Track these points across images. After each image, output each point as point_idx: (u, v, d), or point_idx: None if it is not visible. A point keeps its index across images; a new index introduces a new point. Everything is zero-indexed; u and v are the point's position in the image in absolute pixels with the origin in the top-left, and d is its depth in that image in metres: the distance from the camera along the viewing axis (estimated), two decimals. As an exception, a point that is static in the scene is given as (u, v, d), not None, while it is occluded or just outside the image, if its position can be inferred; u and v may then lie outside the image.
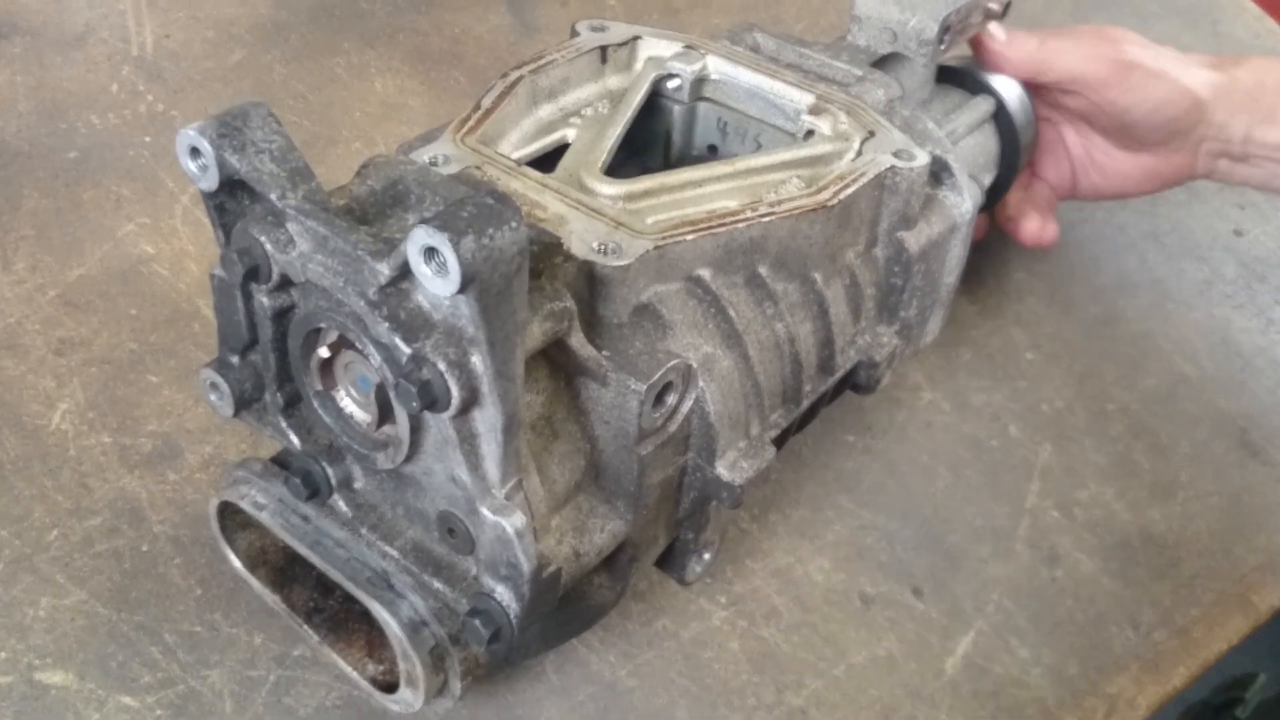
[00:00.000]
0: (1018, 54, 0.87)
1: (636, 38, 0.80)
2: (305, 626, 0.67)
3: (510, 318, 0.48)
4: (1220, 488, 0.90)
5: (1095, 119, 0.90)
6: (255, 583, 0.68)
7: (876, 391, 0.78)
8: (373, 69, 1.07)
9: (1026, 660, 0.79)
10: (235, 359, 0.59)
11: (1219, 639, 0.83)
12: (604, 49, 0.78)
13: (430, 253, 0.45)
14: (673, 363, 0.57)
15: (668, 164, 0.82)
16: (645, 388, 0.56)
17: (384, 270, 0.49)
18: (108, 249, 0.90)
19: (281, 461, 0.64)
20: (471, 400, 0.49)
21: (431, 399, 0.48)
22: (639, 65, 0.80)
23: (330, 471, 0.59)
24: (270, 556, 0.69)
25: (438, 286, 0.45)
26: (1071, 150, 0.95)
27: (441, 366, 0.48)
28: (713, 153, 0.83)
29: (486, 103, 0.71)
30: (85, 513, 0.76)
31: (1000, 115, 0.89)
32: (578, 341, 0.55)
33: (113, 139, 0.97)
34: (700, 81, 0.80)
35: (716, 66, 0.80)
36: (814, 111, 0.76)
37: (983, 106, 0.88)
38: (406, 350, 0.49)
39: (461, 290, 0.45)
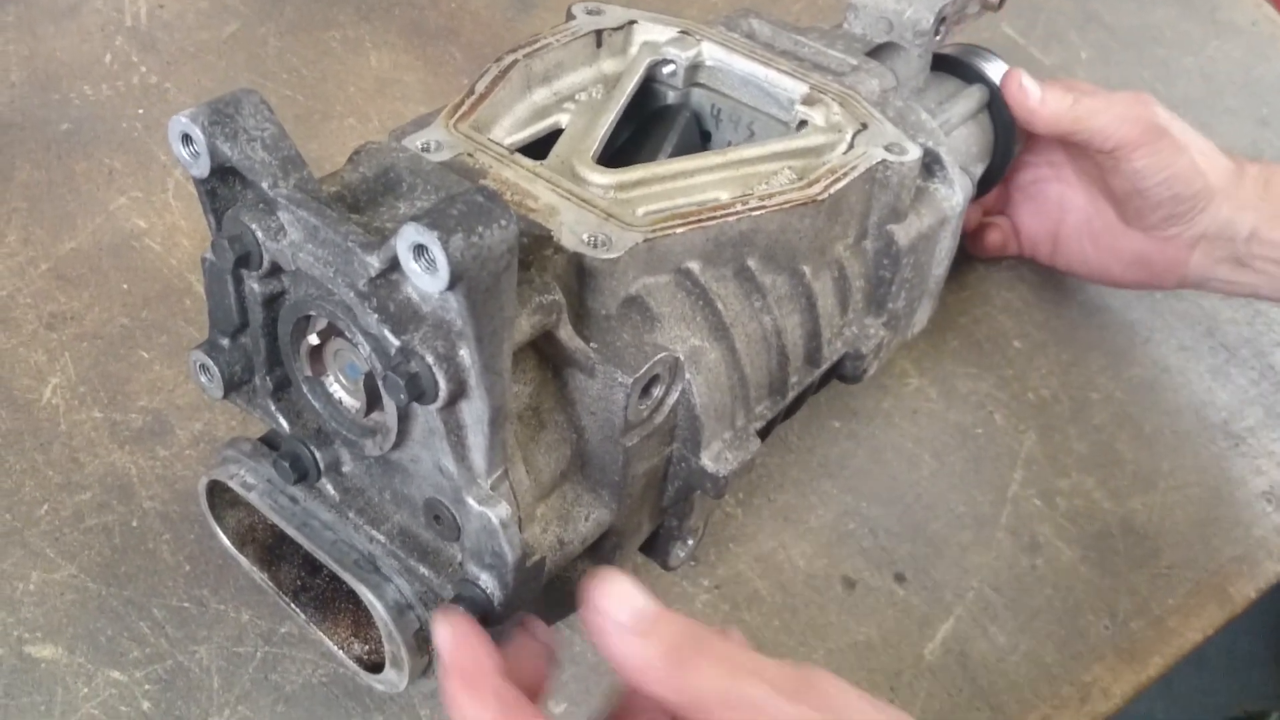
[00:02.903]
0: (1050, 112, 0.85)
1: (632, 22, 0.80)
2: (292, 605, 0.68)
3: (498, 313, 0.48)
4: (1201, 478, 0.91)
5: (1112, 178, 0.89)
6: (243, 560, 0.69)
7: (863, 381, 0.79)
8: (368, 43, 1.07)
9: (1004, 648, 0.80)
10: (225, 341, 0.60)
11: (1194, 629, 0.84)
12: (599, 33, 0.78)
13: (419, 250, 0.45)
14: (660, 356, 0.58)
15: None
16: (632, 381, 0.56)
17: (374, 263, 0.49)
18: (100, 222, 0.90)
19: (270, 441, 0.64)
20: (459, 393, 0.50)
21: (419, 391, 0.49)
22: (634, 50, 0.80)
23: (318, 455, 0.59)
24: (258, 534, 0.69)
25: (426, 283, 0.46)
26: (1069, 213, 0.94)
27: (429, 360, 0.48)
28: (706, 139, 0.83)
29: (480, 87, 0.71)
30: (75, 488, 0.76)
31: (994, 104, 0.89)
32: (566, 334, 0.55)
33: (105, 111, 0.96)
34: (695, 68, 0.80)
35: (711, 53, 0.80)
36: (807, 102, 0.76)
37: (977, 96, 0.88)
38: (395, 342, 0.49)
39: (450, 288, 0.45)
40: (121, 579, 0.73)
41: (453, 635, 0.51)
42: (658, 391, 0.59)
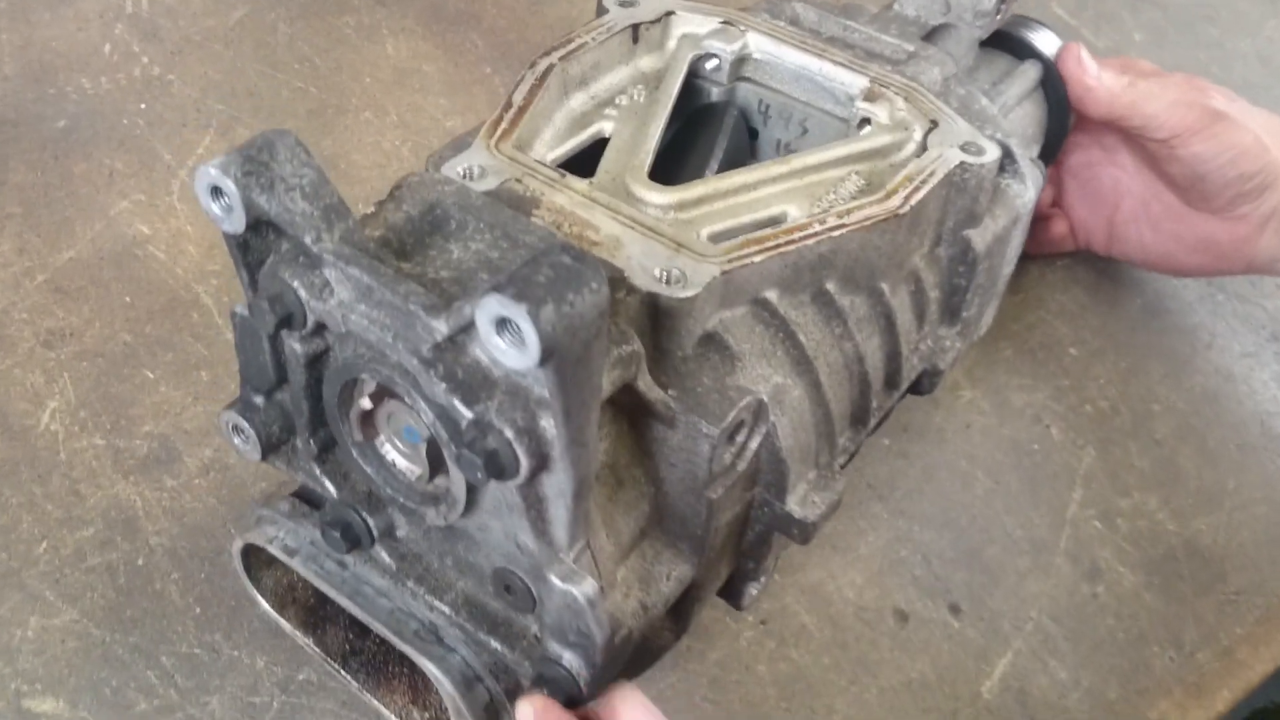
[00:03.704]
0: (1105, 94, 0.81)
1: (669, 13, 0.74)
2: (342, 671, 0.63)
3: (587, 382, 0.43)
4: (1268, 495, 0.87)
5: (1169, 165, 0.84)
6: (286, 625, 0.63)
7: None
8: (384, 29, 1.01)
9: (1065, 683, 0.76)
10: (260, 399, 0.54)
11: (1264, 660, 0.80)
12: (635, 28, 0.73)
13: (504, 323, 0.40)
14: (744, 401, 0.53)
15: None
16: (718, 431, 0.51)
17: (441, 328, 0.43)
18: (100, 229, 0.84)
19: (309, 498, 0.59)
20: (541, 467, 0.44)
21: (499, 469, 0.43)
22: (672, 44, 0.75)
23: (370, 521, 0.54)
24: (299, 594, 0.64)
25: (513, 360, 0.40)
26: (1125, 198, 0.90)
27: (509, 434, 0.43)
28: (753, 137, 0.77)
29: (518, 99, 0.65)
30: (76, 523, 0.72)
31: (1048, 80, 0.84)
32: (645, 384, 0.50)
33: (105, 106, 0.91)
34: (741, 61, 0.75)
35: (758, 45, 0.74)
36: (869, 97, 0.70)
37: (1031, 73, 0.83)
38: (468, 415, 0.44)
39: (541, 364, 0.40)
40: (127, 624, 0.68)
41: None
42: (741, 437, 0.55)
